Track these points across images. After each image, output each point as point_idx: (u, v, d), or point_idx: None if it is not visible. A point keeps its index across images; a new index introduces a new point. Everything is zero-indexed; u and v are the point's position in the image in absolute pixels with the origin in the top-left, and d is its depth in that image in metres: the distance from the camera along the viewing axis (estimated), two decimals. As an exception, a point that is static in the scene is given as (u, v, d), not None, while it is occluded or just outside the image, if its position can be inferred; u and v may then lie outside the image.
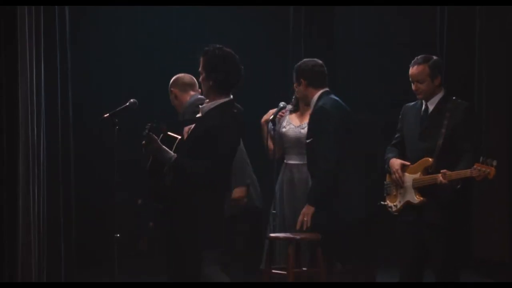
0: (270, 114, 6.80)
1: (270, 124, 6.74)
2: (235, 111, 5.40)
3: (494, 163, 5.34)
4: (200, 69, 5.40)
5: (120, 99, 6.22)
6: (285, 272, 6.15)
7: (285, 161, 6.83)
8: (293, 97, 6.85)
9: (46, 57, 7.05)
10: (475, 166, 5.38)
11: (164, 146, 5.25)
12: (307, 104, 6.66)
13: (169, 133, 5.35)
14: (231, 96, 5.38)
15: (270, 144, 6.84)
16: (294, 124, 6.80)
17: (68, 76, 7.78)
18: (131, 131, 5.99)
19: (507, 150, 7.91)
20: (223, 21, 8.89)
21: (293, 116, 6.85)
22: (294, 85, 6.64)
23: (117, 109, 5.50)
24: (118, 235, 5.48)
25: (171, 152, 5.27)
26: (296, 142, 6.75)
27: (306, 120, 6.75)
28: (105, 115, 5.46)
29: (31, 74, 6.67)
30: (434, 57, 5.79)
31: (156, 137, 5.22)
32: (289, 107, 6.83)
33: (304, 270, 6.35)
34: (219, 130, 5.22)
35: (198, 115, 5.45)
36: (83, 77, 8.51)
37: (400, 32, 8.98)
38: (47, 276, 7.02)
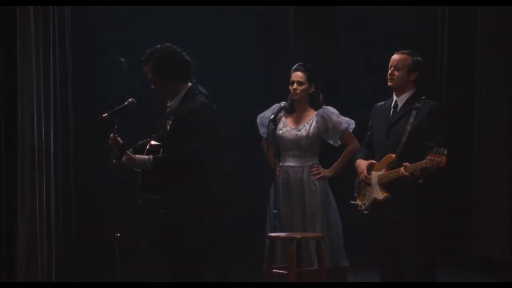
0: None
1: (271, 124, 6.74)
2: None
3: (445, 151, 5.39)
4: (150, 76, 5.51)
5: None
6: (286, 272, 6.14)
7: (280, 163, 6.81)
8: (288, 99, 6.86)
9: (45, 57, 7.04)
10: (428, 157, 5.44)
11: (134, 155, 5.44)
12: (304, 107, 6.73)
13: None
14: (190, 84, 5.56)
15: None
16: (290, 127, 6.80)
17: (68, 76, 7.78)
18: (131, 130, 5.99)
19: (508, 150, 7.91)
20: (223, 21, 8.88)
21: (289, 118, 6.84)
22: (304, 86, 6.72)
23: (116, 109, 5.51)
24: (118, 234, 5.47)
25: (144, 156, 5.43)
26: (293, 144, 6.75)
27: (303, 123, 6.75)
28: (104, 115, 5.48)
29: (38, 75, 6.69)
30: (420, 58, 5.88)
31: (123, 153, 5.40)
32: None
33: (305, 269, 6.35)
34: (194, 112, 5.40)
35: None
36: (83, 77, 8.49)
37: (400, 32, 8.97)
38: (47, 276, 7.02)
